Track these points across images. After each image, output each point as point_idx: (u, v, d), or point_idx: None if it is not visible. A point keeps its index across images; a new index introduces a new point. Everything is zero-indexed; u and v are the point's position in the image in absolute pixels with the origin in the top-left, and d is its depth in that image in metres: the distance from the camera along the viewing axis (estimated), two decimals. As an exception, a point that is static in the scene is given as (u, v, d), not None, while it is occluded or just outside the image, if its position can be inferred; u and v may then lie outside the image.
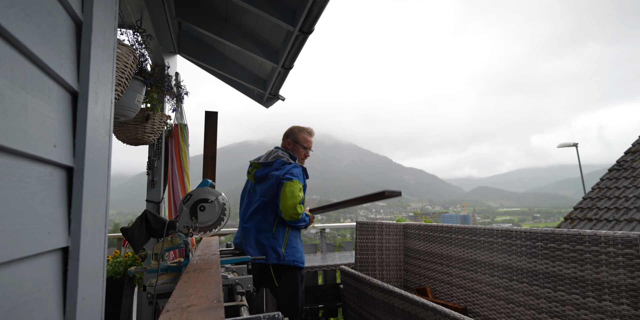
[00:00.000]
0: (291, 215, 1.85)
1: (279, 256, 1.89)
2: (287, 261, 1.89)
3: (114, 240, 2.82)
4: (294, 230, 1.99)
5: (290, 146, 2.13)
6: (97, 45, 0.71)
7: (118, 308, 2.07)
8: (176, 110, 2.72)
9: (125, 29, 1.63)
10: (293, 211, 1.84)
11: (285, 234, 1.95)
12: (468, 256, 1.92)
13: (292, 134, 2.14)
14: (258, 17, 2.45)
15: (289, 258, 1.91)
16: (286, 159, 1.99)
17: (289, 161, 1.99)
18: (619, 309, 1.24)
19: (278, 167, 1.96)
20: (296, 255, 1.95)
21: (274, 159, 2.01)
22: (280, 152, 2.05)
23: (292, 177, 1.88)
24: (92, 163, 0.68)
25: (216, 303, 0.78)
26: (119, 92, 1.28)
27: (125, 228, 1.42)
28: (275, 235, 1.93)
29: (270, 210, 1.96)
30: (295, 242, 1.98)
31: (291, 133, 2.15)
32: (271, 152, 2.09)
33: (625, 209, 5.63)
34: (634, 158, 6.54)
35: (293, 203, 1.84)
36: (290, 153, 2.07)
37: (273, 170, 1.97)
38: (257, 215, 1.98)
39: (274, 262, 1.88)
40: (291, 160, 2.02)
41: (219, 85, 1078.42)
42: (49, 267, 0.57)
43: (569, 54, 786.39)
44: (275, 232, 1.93)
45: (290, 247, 1.93)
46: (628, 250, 1.26)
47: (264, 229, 1.94)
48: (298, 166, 1.98)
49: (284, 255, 1.90)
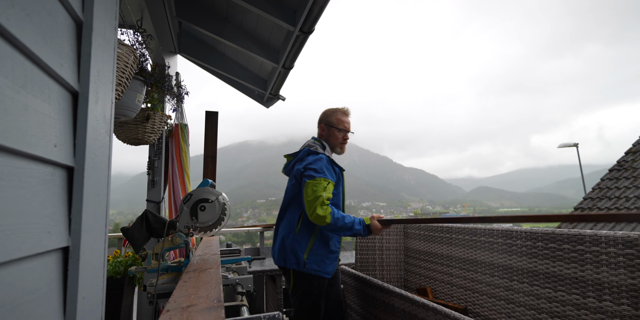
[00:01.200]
0: (315, 220, 1.57)
1: (298, 261, 1.63)
2: (307, 269, 1.63)
3: (114, 240, 2.83)
4: (324, 235, 1.69)
5: (325, 132, 1.85)
6: (98, 45, 0.71)
7: (118, 308, 2.07)
8: (176, 110, 2.72)
9: (126, 29, 1.63)
10: (314, 214, 1.55)
11: (310, 238, 1.67)
12: (468, 256, 1.92)
13: (324, 118, 1.86)
14: (258, 17, 2.45)
15: (310, 266, 1.63)
16: (314, 149, 1.73)
17: (316, 151, 1.72)
18: (619, 310, 1.24)
19: (302, 157, 1.73)
20: (321, 264, 1.65)
21: (303, 147, 1.79)
22: (312, 141, 1.82)
23: (315, 175, 1.60)
24: (93, 163, 0.68)
25: (216, 303, 0.78)
26: (119, 92, 1.28)
27: (126, 228, 1.42)
28: (299, 238, 1.67)
29: (295, 208, 1.73)
30: (323, 248, 1.68)
31: (323, 117, 1.87)
32: (305, 143, 1.87)
33: (625, 209, 5.62)
34: (634, 158, 6.54)
35: (313, 204, 1.56)
36: (322, 142, 1.82)
37: (297, 160, 1.75)
38: (284, 213, 1.78)
39: (293, 268, 1.64)
40: (320, 150, 1.74)
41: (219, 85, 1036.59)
42: (50, 266, 0.57)
43: (569, 54, 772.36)
44: (299, 234, 1.67)
45: (315, 253, 1.65)
46: (629, 250, 1.26)
47: (289, 230, 1.70)
48: (323, 157, 1.68)
49: (305, 262, 1.63)
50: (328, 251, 1.69)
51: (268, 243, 3.23)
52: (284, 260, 1.66)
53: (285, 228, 1.72)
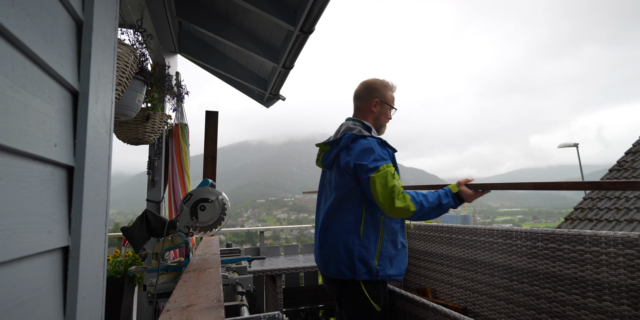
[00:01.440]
0: (397, 214, 1.31)
1: (370, 270, 1.36)
2: (381, 276, 1.38)
3: (114, 240, 2.83)
4: (391, 232, 1.44)
5: (377, 108, 1.54)
6: (98, 44, 0.71)
7: (118, 307, 2.07)
8: (177, 109, 2.72)
9: (126, 29, 1.63)
10: (395, 209, 1.29)
11: (378, 240, 1.40)
12: (468, 256, 1.92)
13: (378, 91, 1.54)
14: (259, 16, 2.45)
15: (384, 273, 1.38)
16: (357, 131, 1.44)
17: (361, 133, 1.43)
18: (619, 310, 1.24)
19: (347, 144, 1.43)
20: (396, 266, 1.42)
21: (343, 133, 1.48)
22: (351, 123, 1.52)
23: (378, 164, 1.33)
24: (93, 162, 0.68)
25: (216, 303, 0.78)
26: (119, 91, 1.28)
27: (126, 227, 1.42)
28: (365, 242, 1.38)
29: (351, 207, 1.42)
30: (393, 247, 1.43)
31: (376, 90, 1.54)
32: (341, 126, 1.55)
33: (625, 209, 5.63)
34: (634, 158, 6.54)
35: (389, 199, 1.30)
36: (363, 122, 1.52)
37: (341, 149, 1.45)
38: (334, 214, 1.45)
39: (364, 278, 1.36)
40: (364, 131, 1.45)
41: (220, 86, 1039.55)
42: (49, 266, 0.57)
43: (567, 56, 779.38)
44: (364, 238, 1.38)
45: (385, 257, 1.39)
46: (628, 250, 1.26)
47: (349, 234, 1.39)
48: (373, 140, 1.40)
49: (377, 269, 1.37)
50: (401, 247, 1.46)
51: (268, 243, 3.23)
52: (352, 272, 1.37)
53: (341, 233, 1.41)
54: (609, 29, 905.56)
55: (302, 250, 3.25)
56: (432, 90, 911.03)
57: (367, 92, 1.56)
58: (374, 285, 1.39)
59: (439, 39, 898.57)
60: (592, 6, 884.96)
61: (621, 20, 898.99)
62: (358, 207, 1.41)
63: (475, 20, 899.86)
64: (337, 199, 1.45)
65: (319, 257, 1.50)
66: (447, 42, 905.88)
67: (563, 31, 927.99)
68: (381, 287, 1.41)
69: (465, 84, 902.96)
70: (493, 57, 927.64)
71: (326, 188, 1.55)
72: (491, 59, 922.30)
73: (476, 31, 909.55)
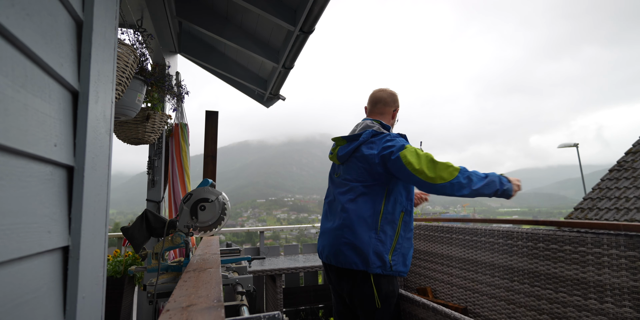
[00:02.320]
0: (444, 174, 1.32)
1: (384, 264, 1.39)
2: (393, 271, 1.42)
3: (114, 240, 2.83)
4: (407, 226, 1.48)
5: (395, 116, 1.73)
6: (98, 44, 0.71)
7: (118, 307, 2.07)
8: (177, 109, 2.72)
9: (126, 29, 1.63)
10: (438, 172, 1.31)
11: (394, 235, 1.44)
12: (469, 256, 1.91)
13: (396, 101, 1.71)
14: (259, 16, 2.45)
15: (397, 268, 1.42)
16: (377, 128, 1.54)
17: (380, 130, 1.54)
18: (621, 311, 1.24)
19: (367, 138, 1.51)
20: (407, 262, 1.47)
21: (363, 130, 1.56)
22: (369, 122, 1.61)
23: (404, 143, 1.42)
24: (93, 162, 0.68)
25: (216, 302, 0.78)
26: (119, 91, 1.28)
27: (126, 227, 1.42)
28: (382, 236, 1.41)
29: (371, 201, 1.45)
30: (408, 243, 1.48)
31: (397, 100, 1.71)
32: (358, 125, 1.65)
33: (625, 209, 5.62)
34: (634, 158, 6.53)
35: (429, 164, 1.33)
36: (382, 122, 1.63)
37: (363, 143, 1.51)
38: (351, 205, 1.46)
39: (376, 272, 1.39)
40: (383, 129, 1.57)
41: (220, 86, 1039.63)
42: (49, 266, 0.57)
43: (566, 57, 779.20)
44: (381, 231, 1.42)
45: (399, 254, 1.43)
46: (631, 252, 1.26)
47: (365, 226, 1.42)
48: (395, 134, 1.52)
49: (391, 264, 1.40)
50: (410, 245, 1.50)
51: (268, 243, 3.23)
52: (365, 264, 1.38)
53: (358, 224, 1.42)
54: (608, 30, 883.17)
55: (302, 250, 3.25)
56: (432, 90, 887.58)
57: (393, 100, 1.70)
58: (384, 280, 1.42)
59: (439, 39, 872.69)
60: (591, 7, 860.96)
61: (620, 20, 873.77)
62: (378, 203, 1.44)
63: (475, 20, 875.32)
64: (354, 191, 1.48)
65: (328, 246, 1.50)
66: (446, 43, 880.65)
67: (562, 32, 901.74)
68: (393, 281, 1.45)
69: (465, 84, 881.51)
70: (492, 58, 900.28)
71: (338, 182, 1.60)
72: (491, 59, 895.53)
73: (476, 31, 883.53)
